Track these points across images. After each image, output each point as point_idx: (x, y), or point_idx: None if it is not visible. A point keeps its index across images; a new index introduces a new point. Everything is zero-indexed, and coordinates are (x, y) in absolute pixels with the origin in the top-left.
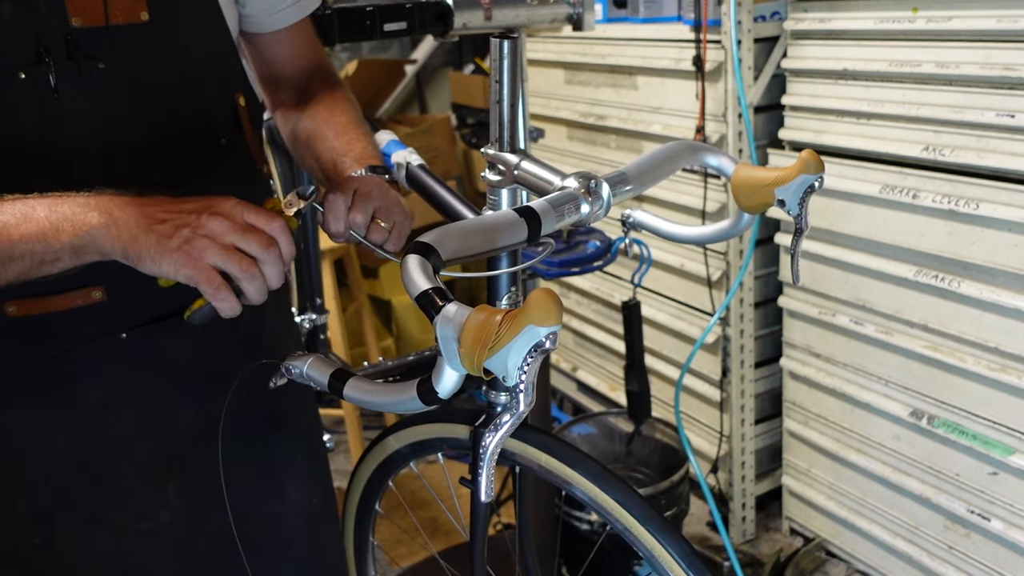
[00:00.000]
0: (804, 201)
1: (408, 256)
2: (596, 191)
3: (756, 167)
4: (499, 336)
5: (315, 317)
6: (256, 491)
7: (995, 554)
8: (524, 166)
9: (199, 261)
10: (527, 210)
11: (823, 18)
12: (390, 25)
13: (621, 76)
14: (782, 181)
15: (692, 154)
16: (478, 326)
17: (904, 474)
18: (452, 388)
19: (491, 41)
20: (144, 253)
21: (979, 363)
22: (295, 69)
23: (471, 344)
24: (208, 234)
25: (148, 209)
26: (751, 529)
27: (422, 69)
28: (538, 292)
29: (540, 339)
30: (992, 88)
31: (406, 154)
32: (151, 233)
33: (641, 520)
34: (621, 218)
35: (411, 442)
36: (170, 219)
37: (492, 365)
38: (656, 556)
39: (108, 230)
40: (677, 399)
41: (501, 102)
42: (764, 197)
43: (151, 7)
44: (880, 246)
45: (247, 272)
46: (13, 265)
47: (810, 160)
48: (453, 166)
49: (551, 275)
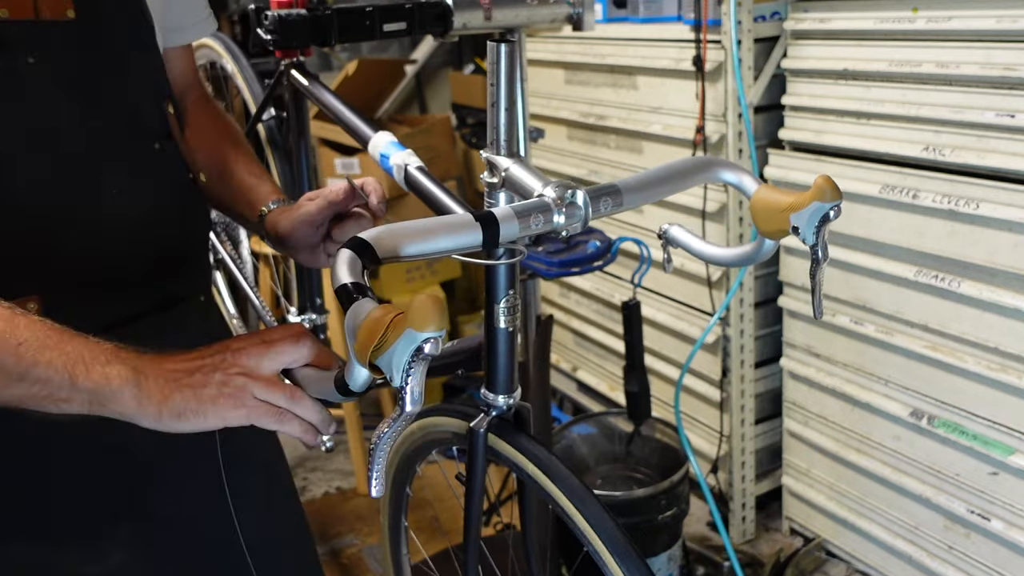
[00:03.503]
0: (820, 230)
1: (341, 250)
2: (572, 202)
3: (775, 189)
4: (386, 336)
5: (315, 317)
6: (212, 523)
7: (995, 554)
8: (512, 171)
9: (246, 398)
10: (486, 215)
11: (823, 18)
12: (390, 25)
13: (621, 76)
14: (796, 207)
15: (707, 170)
16: (371, 325)
17: (904, 474)
18: (363, 383)
19: (488, 45)
20: (183, 410)
21: (979, 363)
22: (182, 91)
23: (362, 340)
24: (243, 371)
25: (169, 364)
26: (751, 529)
27: (422, 69)
28: (421, 297)
29: (419, 344)
30: (992, 88)
31: (405, 156)
32: (184, 388)
33: (611, 550)
34: (658, 232)
35: (427, 433)
36: (196, 369)
37: (381, 364)
38: None
39: (136, 389)
40: (677, 399)
41: (497, 105)
42: (780, 223)
43: (77, 5)
44: (880, 246)
45: (297, 399)
46: (19, 388)
47: (825, 187)
48: (453, 166)
49: (551, 275)
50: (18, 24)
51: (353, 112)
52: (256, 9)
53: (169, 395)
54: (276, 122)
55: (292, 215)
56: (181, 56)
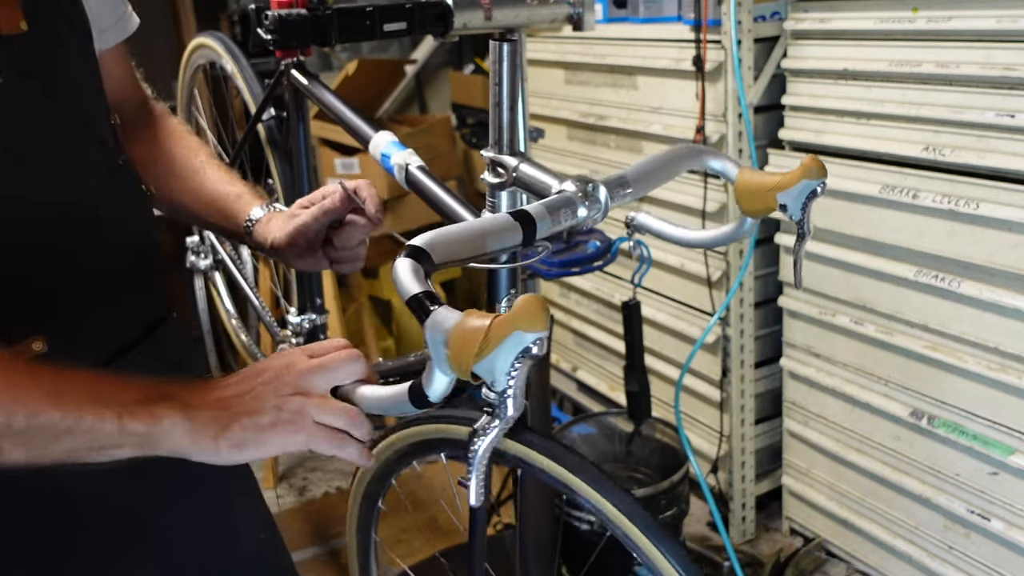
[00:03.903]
0: (807, 206)
1: (400, 260)
2: (593, 195)
3: (758, 171)
4: (487, 341)
5: (315, 317)
6: (206, 537)
7: (995, 554)
8: (523, 169)
9: (305, 423)
10: (522, 214)
11: (823, 18)
12: (390, 25)
13: (621, 76)
14: (784, 186)
15: (694, 157)
16: (466, 331)
17: (904, 474)
18: (442, 392)
19: (490, 44)
20: (242, 440)
21: (979, 363)
22: (120, 101)
23: (459, 349)
24: (297, 391)
25: (216, 393)
26: (751, 529)
27: (422, 69)
28: (525, 298)
29: (527, 345)
30: (992, 88)
31: (406, 155)
32: (240, 417)
33: (642, 528)
34: (625, 220)
35: (414, 442)
36: (245, 393)
37: (480, 370)
38: (656, 564)
39: (188, 423)
40: (677, 399)
41: (500, 104)
42: (766, 202)
43: (28, 17)
44: (880, 246)
45: (356, 420)
46: (66, 443)
47: (812, 166)
48: (453, 166)
49: (551, 275)
50: None
51: (354, 112)
52: (256, 9)
53: (226, 426)
54: (276, 122)
55: (286, 226)
56: (115, 61)
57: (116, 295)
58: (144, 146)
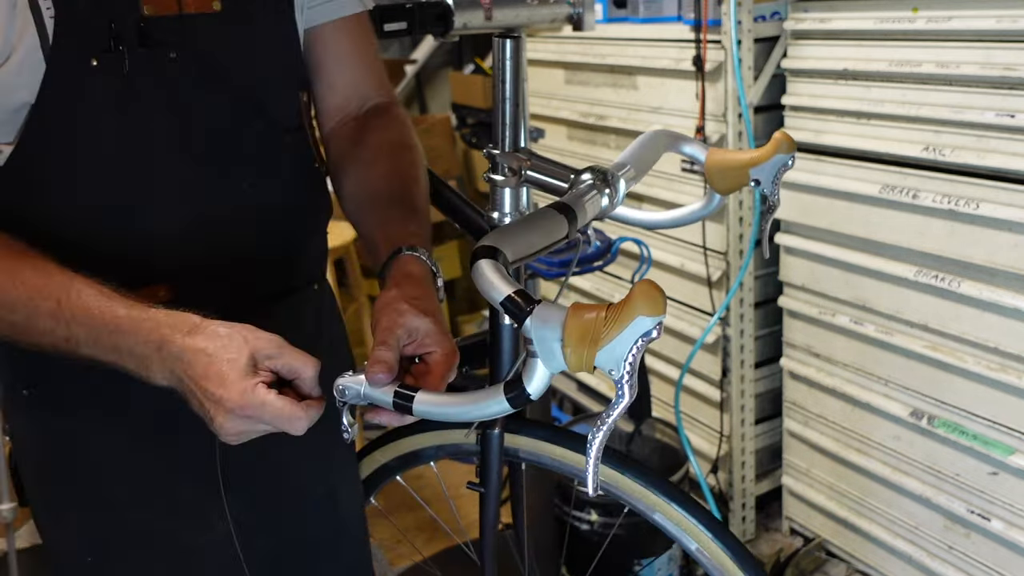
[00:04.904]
0: (777, 180)
1: (481, 262)
2: (613, 183)
3: (728, 151)
4: (607, 331)
5: None
6: (309, 493)
7: (995, 554)
8: (536, 164)
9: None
10: (565, 206)
11: (823, 18)
12: (390, 25)
13: (621, 76)
14: (757, 161)
15: (670, 142)
16: (584, 324)
17: (904, 474)
18: (543, 388)
19: (494, 41)
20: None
21: (979, 363)
22: (347, 85)
23: (578, 342)
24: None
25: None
26: (751, 529)
27: (422, 69)
28: (643, 284)
29: (648, 329)
30: (992, 88)
31: None
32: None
33: (678, 504)
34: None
35: (400, 455)
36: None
37: (601, 360)
38: (707, 552)
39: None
40: (677, 399)
41: (505, 102)
42: (739, 178)
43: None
44: (880, 246)
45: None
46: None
47: (783, 140)
48: (453, 166)
49: (551, 275)
50: (161, 20)
51: None
52: None
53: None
54: None
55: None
56: (339, 38)
57: (248, 261)
58: (355, 165)
